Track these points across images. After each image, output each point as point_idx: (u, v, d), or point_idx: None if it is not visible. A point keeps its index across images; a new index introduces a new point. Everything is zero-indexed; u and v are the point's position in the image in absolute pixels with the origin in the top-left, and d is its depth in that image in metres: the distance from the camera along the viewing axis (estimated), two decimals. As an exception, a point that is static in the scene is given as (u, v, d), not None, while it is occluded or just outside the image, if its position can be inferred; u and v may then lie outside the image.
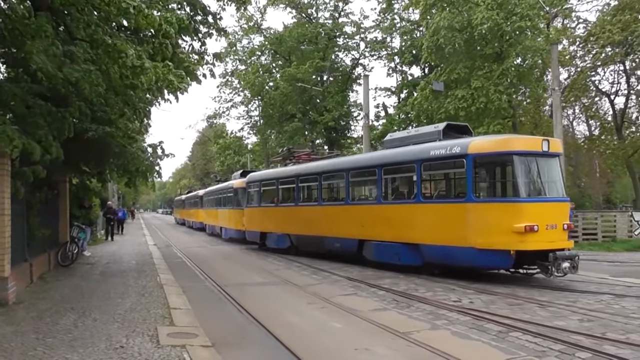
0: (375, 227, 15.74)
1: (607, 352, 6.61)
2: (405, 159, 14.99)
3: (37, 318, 8.66)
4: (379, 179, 15.76)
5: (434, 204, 14.21)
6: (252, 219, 24.56)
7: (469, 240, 12.46)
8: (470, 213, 12.67)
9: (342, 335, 8.16)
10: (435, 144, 14.04)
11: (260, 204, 23.87)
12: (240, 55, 47.17)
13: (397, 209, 15.31)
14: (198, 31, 13.40)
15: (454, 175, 14.74)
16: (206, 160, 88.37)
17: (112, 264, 17.34)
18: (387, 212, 15.47)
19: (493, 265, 13.02)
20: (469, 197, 12.84)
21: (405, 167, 15.27)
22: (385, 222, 15.31)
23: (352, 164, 18.15)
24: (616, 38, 28.48)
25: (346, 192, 17.71)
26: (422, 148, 14.30)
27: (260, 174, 25.87)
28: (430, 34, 29.17)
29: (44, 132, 9.35)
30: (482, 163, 13.22)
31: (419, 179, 14.28)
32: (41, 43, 8.20)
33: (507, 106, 28.25)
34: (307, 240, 19.75)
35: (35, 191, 12.72)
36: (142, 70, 8.67)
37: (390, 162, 15.65)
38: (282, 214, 21.78)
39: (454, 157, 13.21)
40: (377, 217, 15.74)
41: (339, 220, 17.62)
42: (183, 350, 6.68)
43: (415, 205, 14.34)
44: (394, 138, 16.73)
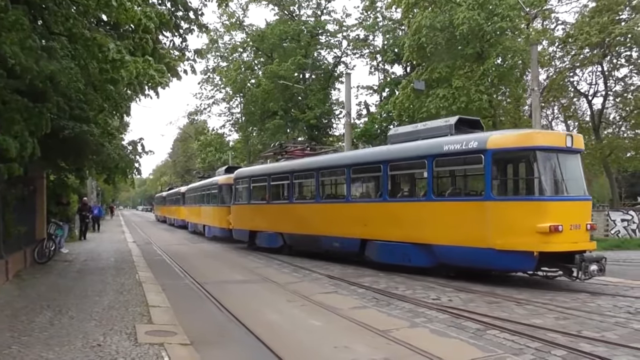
0: (380, 226, 14.98)
1: (583, 349, 6.69)
2: (414, 154, 14.18)
3: (12, 316, 8.54)
4: (385, 175, 15.00)
5: (448, 202, 13.40)
6: (240, 217, 23.59)
7: (487, 241, 11.78)
8: (489, 212, 11.97)
9: (322, 333, 8.17)
10: (449, 138, 13.27)
11: (249, 201, 22.92)
12: (222, 52, 46.99)
13: (405, 207, 14.58)
14: (179, 27, 13.26)
15: (470, 171, 14.17)
16: (187, 157, 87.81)
17: (90, 261, 17.17)
18: (394, 211, 14.67)
19: (514, 267, 12.43)
20: (487, 194, 12.13)
21: (414, 163, 14.43)
22: (392, 221, 14.55)
23: (354, 160, 17.16)
24: (594, 40, 28.84)
25: (347, 189, 16.79)
26: (434, 143, 13.54)
27: (250, 169, 24.95)
28: (412, 32, 29.26)
29: (20, 128, 9.21)
30: (502, 159, 12.60)
31: (430, 176, 13.52)
32: (17, 36, 8.07)
33: (488, 106, 28.45)
34: (302, 240, 18.95)
35: (11, 187, 12.55)
36: (123, 63, 8.57)
37: (397, 157, 14.89)
38: (275, 212, 20.82)
39: (470, 152, 12.46)
40: (383, 216, 14.96)
41: (339, 219, 16.72)
42: (161, 348, 6.64)
43: (427, 203, 13.66)
44: (400, 133, 15.76)
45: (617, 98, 34.42)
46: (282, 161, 22.35)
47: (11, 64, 8.37)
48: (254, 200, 22.72)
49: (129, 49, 9.80)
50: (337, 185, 19.31)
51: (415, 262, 13.75)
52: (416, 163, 14.28)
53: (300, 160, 20.72)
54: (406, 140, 14.81)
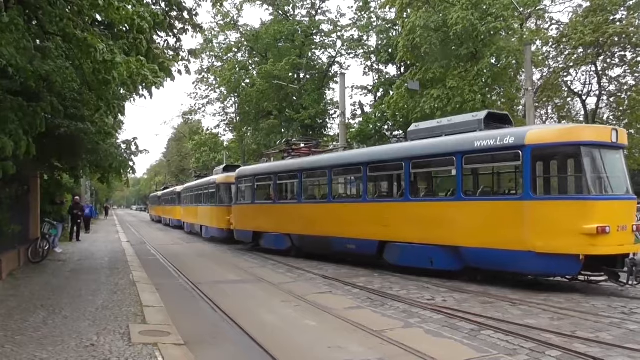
0: (401, 227, 14.05)
1: (577, 350, 6.71)
2: (441, 151, 13.30)
3: (5, 315, 8.52)
4: (407, 173, 14.03)
5: (480, 202, 12.57)
6: (243, 217, 22.50)
7: (526, 243, 11.00)
8: (527, 212, 11.17)
9: (316, 333, 8.17)
10: (480, 134, 12.43)
11: (253, 200, 21.84)
12: (216, 52, 46.92)
13: (430, 206, 13.76)
14: (173, 27, 13.25)
15: (504, 169, 13.49)
16: (182, 157, 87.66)
17: (84, 261, 17.11)
18: (417, 211, 13.78)
19: (556, 271, 11.53)
20: (526, 193, 11.30)
21: (441, 161, 13.61)
22: (415, 222, 13.66)
23: (372, 157, 16.04)
24: (588, 39, 28.95)
25: (364, 188, 15.90)
26: (464, 139, 12.68)
27: (254, 168, 23.85)
28: (406, 33, 29.32)
29: (15, 127, 9.19)
30: (542, 155, 11.69)
31: (459, 174, 12.62)
32: (11, 36, 8.05)
33: (482, 106, 28.49)
34: (312, 241, 17.84)
35: (4, 187, 12.51)
36: (114, 65, 8.55)
37: (421, 154, 13.91)
38: (282, 212, 19.75)
39: (506, 148, 11.62)
40: (404, 216, 14.05)
41: (354, 220, 15.74)
42: (155, 348, 6.62)
43: (455, 203, 12.78)
44: (421, 128, 14.75)
45: (611, 98, 34.56)
46: (289, 159, 21.39)
47: (3, 65, 8.34)
48: (258, 199, 21.85)
49: (124, 49, 9.80)
50: (352, 184, 18.61)
51: (439, 265, 12.99)
52: (443, 160, 13.55)
53: (310, 158, 19.81)
54: (428, 137, 14.02)
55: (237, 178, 23.43)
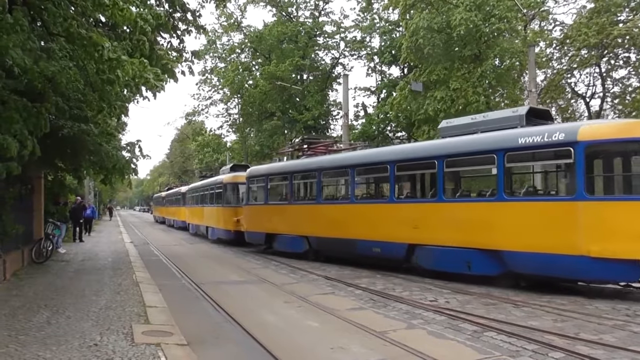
0: (434, 229, 13.27)
1: (580, 352, 6.69)
2: (479, 148, 12.54)
3: (9, 315, 8.54)
4: (440, 172, 13.20)
5: (525, 203, 11.74)
6: (255, 219, 21.66)
7: (579, 247, 10.28)
8: (581, 213, 10.40)
9: (318, 334, 8.18)
10: (523, 130, 11.74)
11: (266, 201, 21.00)
12: (219, 53, 47.02)
13: (467, 207, 12.92)
14: (177, 28, 13.27)
15: (551, 167, 12.76)
16: (185, 158, 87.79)
17: (88, 261, 17.14)
18: (453, 212, 13.03)
19: (613, 277, 10.80)
20: (579, 193, 10.49)
21: (479, 159, 12.84)
22: (449, 224, 12.89)
23: (400, 155, 15.18)
24: (592, 41, 28.85)
25: (391, 187, 14.96)
26: (505, 135, 11.97)
27: (267, 167, 23.03)
28: (410, 34, 29.30)
29: (20, 127, 9.22)
30: (596, 152, 11.06)
31: (501, 172, 11.83)
32: (17, 37, 8.08)
33: (485, 107, 28.47)
34: (332, 244, 16.95)
35: (8, 187, 12.55)
36: (119, 63, 8.57)
37: (456, 152, 13.07)
38: (298, 213, 18.79)
39: (555, 145, 10.86)
40: (437, 218, 13.27)
41: (381, 221, 14.91)
42: (158, 348, 6.64)
43: (497, 203, 11.95)
44: (454, 125, 14.00)
45: (615, 99, 34.48)
46: (303, 158, 20.77)
47: (9, 65, 8.37)
48: (272, 200, 21.04)
49: (127, 50, 9.82)
50: (378, 184, 17.79)
51: (478, 270, 12.21)
52: (481, 158, 12.78)
53: (330, 157, 18.96)
54: (461, 134, 13.35)
55: (248, 178, 22.61)
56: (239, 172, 25.93)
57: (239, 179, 24.71)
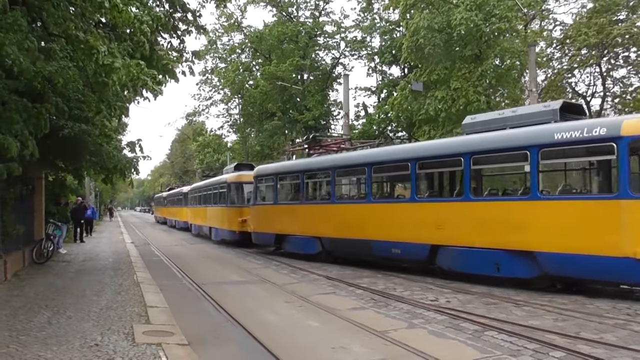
0: (459, 230, 12.69)
1: (581, 351, 6.69)
2: (510, 144, 11.95)
3: (10, 315, 8.55)
4: (467, 170, 12.70)
5: (562, 202, 11.17)
6: (264, 219, 20.90)
7: (623, 249, 9.75)
8: (625, 213, 9.88)
9: (319, 334, 8.18)
10: (559, 125, 11.14)
11: (275, 201, 20.28)
12: (220, 53, 47.00)
13: (497, 207, 12.31)
14: (177, 28, 13.27)
15: (594, 164, 12.10)
16: (185, 158, 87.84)
17: (88, 261, 17.15)
18: (480, 211, 12.40)
19: None
20: (623, 192, 9.96)
21: (510, 156, 12.22)
22: (477, 224, 12.32)
23: (422, 153, 14.52)
24: (592, 41, 28.86)
25: (412, 186, 14.27)
26: (540, 131, 11.39)
27: (276, 166, 22.21)
28: (410, 34, 29.27)
29: (20, 127, 9.23)
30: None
31: (535, 170, 11.25)
32: (15, 36, 8.09)
33: (486, 107, 28.45)
34: (348, 245, 16.35)
35: (9, 187, 12.56)
36: (112, 69, 8.57)
37: (484, 149, 12.51)
38: (311, 213, 18.10)
39: (595, 141, 10.29)
40: (463, 218, 12.68)
41: (401, 221, 14.34)
42: (159, 348, 6.65)
43: (530, 202, 11.38)
44: (480, 121, 13.40)
45: (616, 99, 34.46)
46: (315, 156, 20.12)
47: (9, 65, 8.38)
48: (281, 200, 20.31)
49: (128, 50, 9.83)
50: (398, 183, 17.36)
51: (508, 272, 11.69)
52: (513, 155, 12.17)
53: (345, 154, 18.36)
54: (488, 130, 12.78)
55: (255, 177, 21.86)
56: (243, 172, 25.52)
57: (244, 179, 24.38)
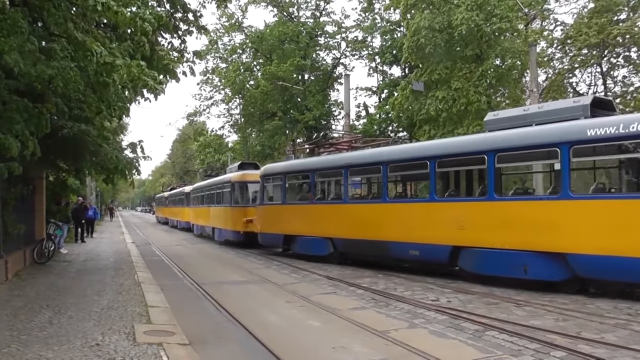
0: (483, 230, 12.20)
1: (582, 351, 6.69)
2: (538, 141, 11.44)
3: (11, 315, 8.57)
4: (491, 168, 12.14)
5: (597, 201, 10.68)
6: (271, 220, 20.22)
7: None
8: None
9: (320, 334, 8.18)
10: (592, 121, 10.71)
11: (284, 200, 19.66)
12: (221, 53, 46.96)
13: (524, 206, 11.91)
14: (178, 28, 13.30)
15: (632, 161, 11.26)
16: (186, 158, 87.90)
17: (89, 261, 17.17)
18: (506, 211, 11.91)
19: None
20: None
21: (538, 153, 11.73)
22: (502, 224, 11.83)
23: (442, 151, 13.91)
24: (592, 40, 28.84)
25: (431, 185, 13.76)
26: (571, 127, 10.92)
27: (285, 164, 21.41)
28: (411, 34, 29.26)
29: (21, 127, 9.24)
30: None
31: (566, 168, 10.78)
32: (15, 39, 8.09)
33: (487, 107, 28.44)
34: (361, 246, 15.81)
35: (10, 187, 12.57)
36: (113, 67, 8.57)
37: (510, 146, 12.00)
38: (322, 214, 17.61)
39: (634, 137, 9.91)
40: (487, 217, 12.20)
41: (419, 222, 13.88)
42: (160, 348, 6.65)
43: (561, 202, 10.92)
44: (503, 117, 12.92)
45: (617, 99, 34.44)
46: (325, 155, 19.64)
47: (10, 67, 8.39)
48: (290, 199, 19.71)
49: (129, 51, 9.83)
50: (416, 182, 16.90)
51: (536, 274, 11.25)
52: (541, 153, 11.67)
53: (358, 153, 17.84)
54: (513, 126, 12.28)
55: (263, 176, 21.15)
56: (247, 171, 25.18)
57: (248, 178, 24.10)
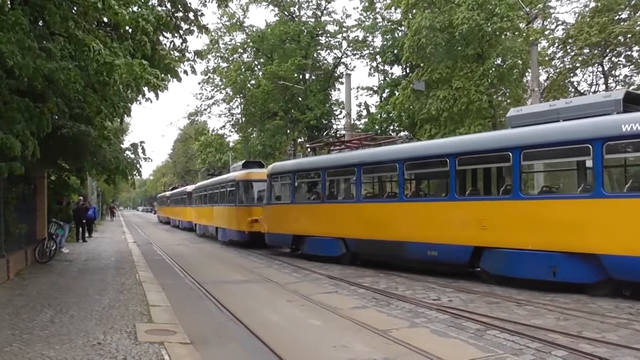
0: (507, 230, 11.73)
1: (583, 350, 6.68)
2: (569, 138, 10.93)
3: (13, 314, 8.57)
4: (516, 165, 11.67)
5: (634, 199, 10.06)
6: (280, 219, 19.61)
7: None
8: None
9: (321, 333, 8.18)
10: (627, 116, 10.21)
11: (293, 200, 19.13)
12: (222, 53, 47.06)
13: (553, 205, 11.32)
14: (179, 28, 13.31)
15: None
16: (187, 158, 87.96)
17: (91, 261, 17.18)
18: (533, 211, 11.43)
19: None
20: None
21: (569, 150, 11.19)
22: (529, 224, 11.35)
23: (463, 148, 13.42)
24: (594, 39, 28.82)
25: (451, 183, 13.21)
26: (603, 122, 10.43)
27: (294, 162, 20.99)
28: (412, 33, 29.25)
29: (22, 127, 9.25)
30: None
31: (599, 165, 10.38)
32: (15, 36, 8.11)
33: (488, 106, 28.43)
34: (376, 247, 15.23)
35: (11, 187, 12.58)
36: (113, 67, 8.58)
37: (537, 142, 11.46)
38: (333, 213, 17.14)
39: None
40: (512, 217, 11.69)
41: (438, 221, 13.40)
42: (161, 347, 6.66)
43: (594, 200, 10.44)
44: (527, 113, 12.38)
45: (618, 98, 34.38)
46: (335, 153, 19.16)
47: (10, 65, 8.39)
48: (300, 199, 19.26)
49: (130, 50, 9.84)
50: (434, 180, 16.41)
51: (566, 276, 10.77)
52: (571, 149, 11.15)
53: (372, 150, 17.14)
54: (538, 122, 11.74)
55: (270, 175, 20.55)
56: (253, 169, 24.81)
57: (253, 176, 23.79)
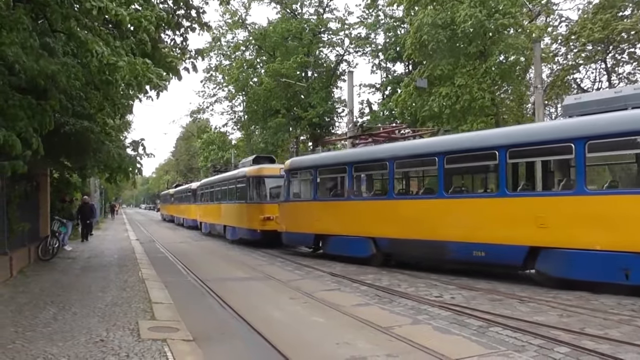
0: (570, 229, 10.70)
1: (586, 347, 6.67)
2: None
3: (16, 312, 8.59)
4: (580, 158, 10.62)
5: None
6: (299, 217, 18.55)
7: None
8: None
9: (324, 330, 8.18)
10: None
11: (314, 197, 18.07)
12: (224, 50, 47.10)
13: (627, 201, 10.19)
14: (180, 25, 13.30)
15: None
16: (190, 156, 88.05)
17: (94, 258, 17.21)
18: (602, 207, 10.38)
19: None
20: None
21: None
22: (596, 222, 10.35)
23: (515, 139, 12.26)
24: (597, 36, 28.76)
25: (501, 178, 12.21)
26: None
27: (315, 157, 19.59)
28: (414, 30, 29.24)
29: (24, 124, 9.25)
30: None
31: None
32: (18, 35, 8.11)
33: (490, 104, 28.40)
34: (411, 247, 14.22)
35: (14, 185, 12.60)
36: (115, 68, 8.58)
37: (604, 133, 10.38)
38: (361, 211, 16.05)
39: None
40: (576, 214, 10.67)
41: (486, 219, 12.35)
42: (164, 344, 6.66)
43: None
44: (587, 101, 11.36)
45: (621, 95, 34.27)
46: (361, 146, 18.26)
47: (11, 62, 8.40)
48: (322, 195, 18.08)
49: (131, 47, 9.84)
50: (479, 175, 15.39)
51: (638, 279, 9.80)
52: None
53: (405, 143, 16.09)
54: (601, 111, 10.78)
55: (289, 170, 19.48)
56: (264, 165, 23.74)
57: (265, 172, 22.79)
